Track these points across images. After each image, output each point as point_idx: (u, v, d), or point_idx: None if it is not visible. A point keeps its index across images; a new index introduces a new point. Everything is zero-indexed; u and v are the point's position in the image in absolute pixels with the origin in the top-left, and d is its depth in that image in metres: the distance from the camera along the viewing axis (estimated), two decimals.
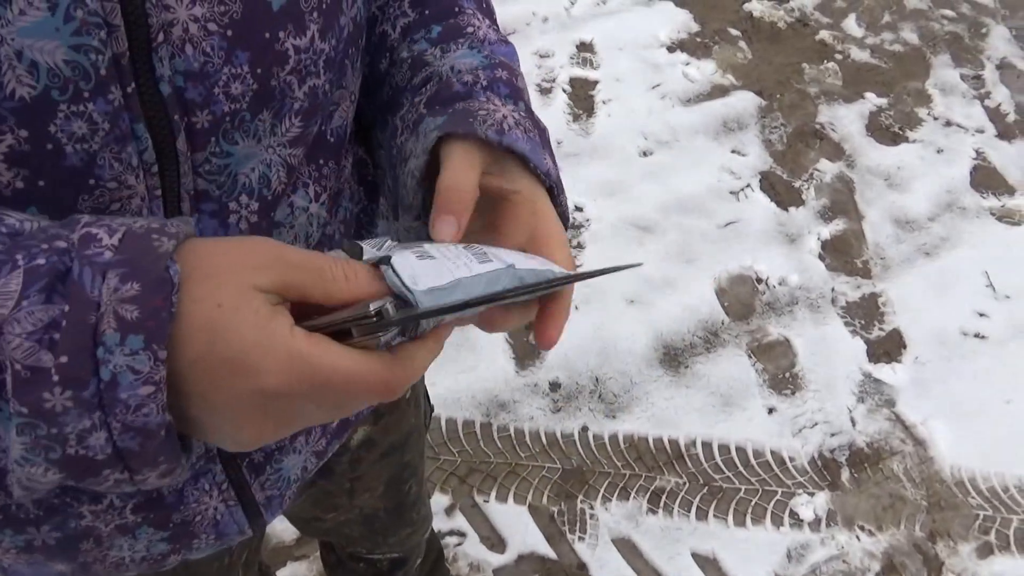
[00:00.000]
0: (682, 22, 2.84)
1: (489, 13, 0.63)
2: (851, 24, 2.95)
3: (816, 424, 1.87)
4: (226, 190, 0.48)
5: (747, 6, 2.95)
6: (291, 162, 0.51)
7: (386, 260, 0.40)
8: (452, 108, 0.53)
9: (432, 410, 1.05)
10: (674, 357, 1.96)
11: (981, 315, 2.10)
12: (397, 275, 0.39)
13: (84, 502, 0.54)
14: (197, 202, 0.48)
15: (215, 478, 0.60)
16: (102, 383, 0.34)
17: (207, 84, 0.43)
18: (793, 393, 1.92)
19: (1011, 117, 2.66)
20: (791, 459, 1.81)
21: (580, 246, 2.16)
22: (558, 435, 1.81)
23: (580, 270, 0.46)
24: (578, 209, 2.25)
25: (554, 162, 0.54)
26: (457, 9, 0.60)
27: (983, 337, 2.05)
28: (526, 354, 1.93)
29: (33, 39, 0.37)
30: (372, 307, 0.38)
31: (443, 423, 1.80)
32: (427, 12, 0.60)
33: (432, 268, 0.40)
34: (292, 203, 0.54)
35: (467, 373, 1.88)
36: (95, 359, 0.33)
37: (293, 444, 0.65)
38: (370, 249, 0.42)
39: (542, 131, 0.55)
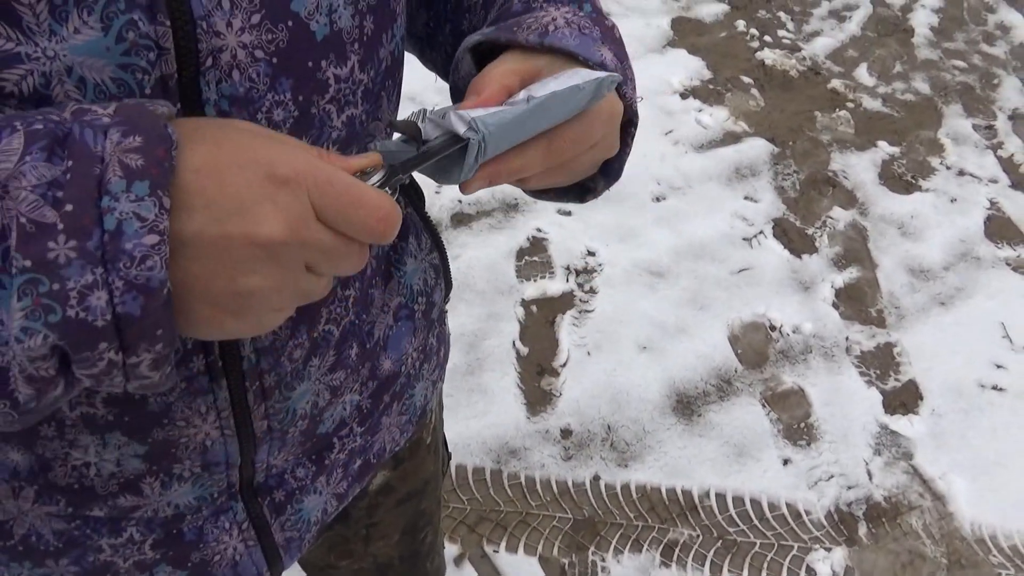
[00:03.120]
0: (695, 69, 2.87)
1: None
2: (863, 73, 2.97)
3: (832, 476, 1.83)
4: None
5: (759, 54, 2.98)
6: None
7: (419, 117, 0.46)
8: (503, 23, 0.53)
9: (450, 458, 1.04)
10: (687, 405, 1.93)
11: (998, 367, 2.07)
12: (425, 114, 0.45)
13: (103, 535, 0.53)
14: None
15: (236, 516, 0.59)
16: (106, 234, 0.33)
17: (251, 109, 0.44)
18: (808, 444, 1.89)
19: None
20: (807, 512, 1.77)
21: (593, 291, 2.15)
22: (569, 484, 1.78)
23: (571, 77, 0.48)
24: (591, 254, 2.25)
25: (618, 55, 0.54)
26: None
27: (1001, 389, 2.02)
28: (537, 400, 1.92)
29: (84, 56, 0.38)
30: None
31: (453, 470, 1.77)
32: None
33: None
34: None
35: (478, 419, 1.86)
36: (99, 209, 0.33)
37: (314, 484, 0.65)
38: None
39: (607, 28, 0.54)
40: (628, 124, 0.56)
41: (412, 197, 0.70)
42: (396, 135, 0.46)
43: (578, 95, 0.47)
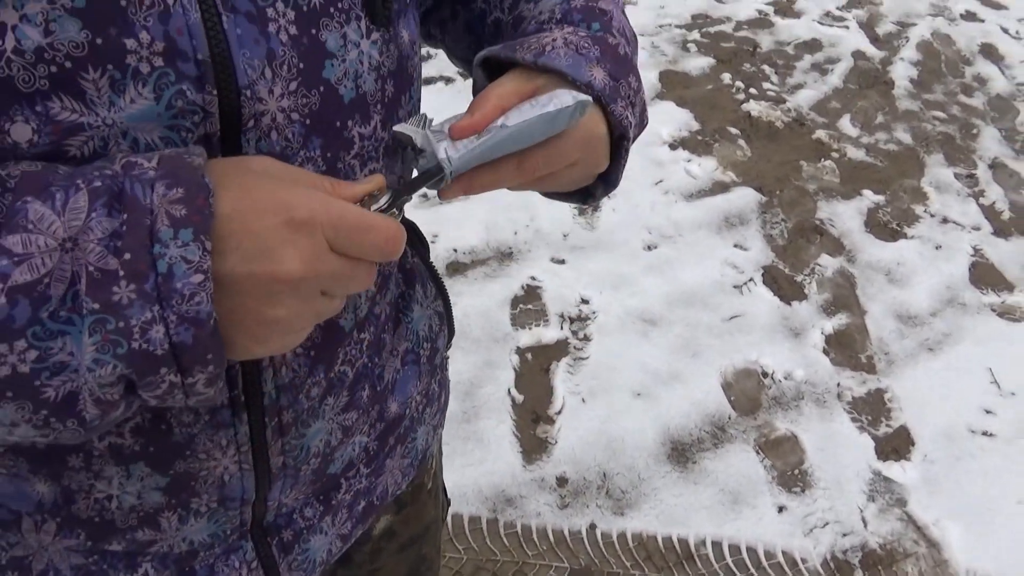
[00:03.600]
0: (683, 121, 2.94)
1: None
2: (846, 124, 3.05)
3: (827, 524, 1.84)
4: None
5: (745, 106, 3.06)
6: None
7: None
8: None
9: (449, 504, 1.05)
10: (682, 452, 1.94)
11: (988, 412, 2.10)
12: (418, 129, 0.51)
13: (119, 570, 0.55)
14: None
15: (245, 555, 0.61)
16: (159, 276, 0.38)
17: None
18: (803, 491, 1.90)
19: (1006, 215, 2.72)
20: (803, 560, 1.77)
21: (587, 338, 2.18)
22: (566, 532, 1.78)
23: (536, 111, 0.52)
24: (584, 301, 2.27)
25: (614, 73, 0.57)
26: None
27: (991, 435, 2.04)
28: (533, 448, 1.92)
29: (137, 122, 0.43)
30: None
31: (449, 520, 1.77)
32: None
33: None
34: None
35: (474, 467, 1.86)
36: (152, 255, 0.38)
37: (321, 524, 0.66)
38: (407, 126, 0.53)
39: (609, 46, 0.58)
40: (622, 139, 0.59)
41: (417, 247, 0.73)
42: (404, 127, 0.53)
43: (549, 121, 0.52)
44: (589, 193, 0.64)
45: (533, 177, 0.55)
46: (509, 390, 2.03)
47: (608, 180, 0.62)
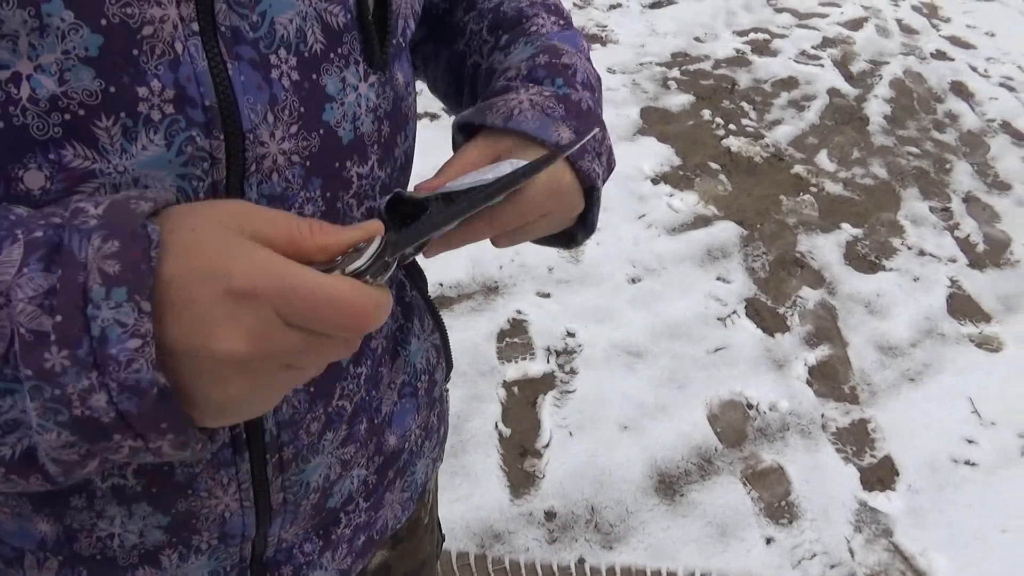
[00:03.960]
0: (665, 156, 3.00)
1: (555, 11, 0.69)
2: (823, 159, 3.12)
3: (815, 555, 1.84)
4: None
5: (725, 141, 3.12)
6: None
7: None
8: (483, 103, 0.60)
9: (443, 539, 1.04)
10: (669, 485, 1.95)
11: (970, 441, 2.12)
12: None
13: None
14: None
15: None
16: (94, 340, 0.35)
17: (285, 205, 0.49)
18: (790, 522, 1.90)
19: (980, 247, 2.78)
20: None
21: (573, 371, 2.18)
22: (555, 567, 1.77)
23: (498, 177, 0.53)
24: (570, 335, 2.29)
25: (579, 129, 0.58)
26: (524, 18, 0.68)
27: (973, 464, 2.07)
28: (520, 482, 1.92)
29: (148, 169, 0.43)
30: (375, 243, 0.42)
31: None
32: (501, 31, 0.68)
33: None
34: None
35: (461, 501, 1.85)
36: (86, 316, 0.35)
37: (320, 559, 0.66)
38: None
39: (572, 103, 0.60)
40: (592, 189, 0.61)
41: (416, 280, 0.74)
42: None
43: (505, 182, 0.54)
44: (571, 237, 0.67)
45: (506, 230, 0.57)
46: (496, 424, 2.03)
47: (585, 224, 0.65)
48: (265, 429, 0.54)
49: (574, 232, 0.66)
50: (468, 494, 1.87)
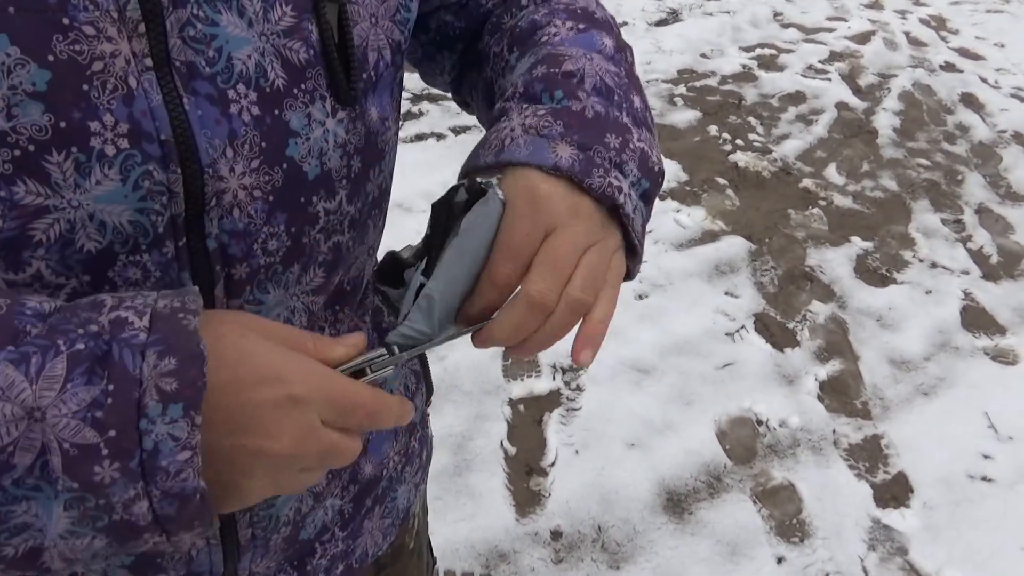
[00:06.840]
0: (672, 172, 2.99)
1: (577, 15, 0.62)
2: (832, 172, 3.10)
3: (828, 574, 1.80)
4: None
5: (732, 157, 3.11)
6: (312, 308, 0.56)
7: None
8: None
9: (435, 562, 1.02)
10: (677, 503, 1.91)
11: (986, 457, 2.07)
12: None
13: None
14: None
15: None
16: (144, 452, 0.37)
17: (248, 241, 0.48)
18: (802, 541, 1.86)
19: (994, 259, 2.74)
20: None
21: (579, 388, 2.16)
22: None
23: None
24: None
25: (583, 144, 0.52)
26: (536, 29, 0.62)
27: (990, 480, 2.02)
28: (526, 501, 1.89)
29: (104, 204, 0.42)
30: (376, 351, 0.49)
31: (441, 575, 1.73)
32: (515, 47, 0.63)
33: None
34: None
35: (466, 521, 1.83)
36: (139, 431, 0.36)
37: None
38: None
39: (574, 114, 0.53)
40: (615, 208, 0.53)
41: (391, 305, 0.73)
42: (387, 289, 0.56)
43: (478, 224, 0.51)
44: (626, 271, 0.57)
45: (510, 284, 0.51)
46: (501, 442, 2.01)
47: (629, 251, 0.56)
48: None
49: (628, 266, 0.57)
50: (472, 513, 1.84)
